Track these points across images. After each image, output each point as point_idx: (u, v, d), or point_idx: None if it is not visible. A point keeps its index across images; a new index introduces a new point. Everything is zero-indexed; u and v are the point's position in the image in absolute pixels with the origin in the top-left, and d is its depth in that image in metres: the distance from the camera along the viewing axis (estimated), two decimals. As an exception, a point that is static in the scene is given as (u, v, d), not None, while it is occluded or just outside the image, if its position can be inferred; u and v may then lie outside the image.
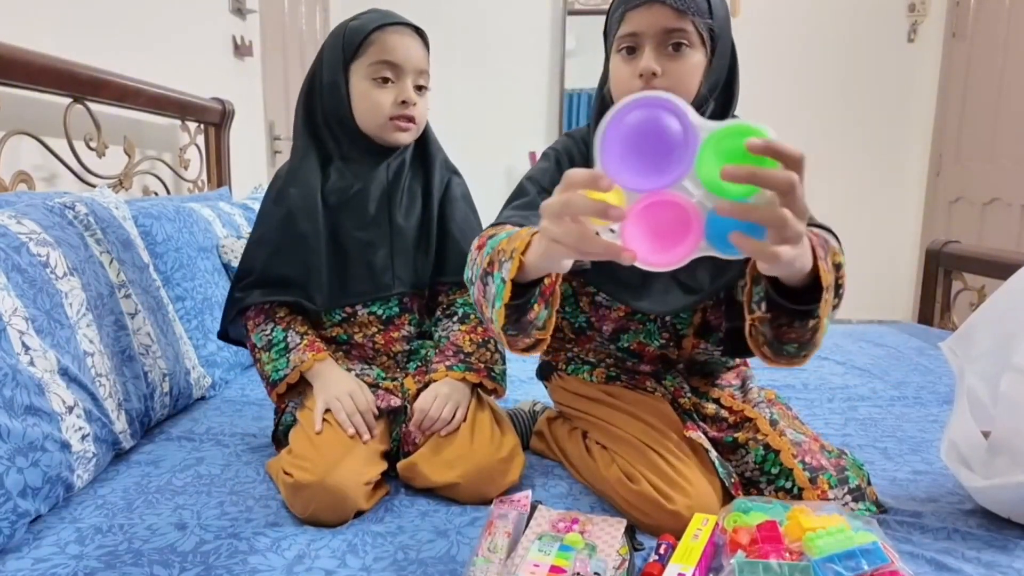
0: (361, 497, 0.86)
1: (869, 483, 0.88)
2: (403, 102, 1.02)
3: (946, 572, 0.74)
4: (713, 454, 0.88)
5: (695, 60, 0.85)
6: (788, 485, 0.86)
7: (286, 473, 0.87)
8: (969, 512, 0.89)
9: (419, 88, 1.05)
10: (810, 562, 0.67)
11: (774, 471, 0.88)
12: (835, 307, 0.75)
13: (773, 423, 0.93)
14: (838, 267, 0.73)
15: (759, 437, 0.91)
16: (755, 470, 0.90)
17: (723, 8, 0.88)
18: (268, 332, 1.05)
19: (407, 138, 1.06)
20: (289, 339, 1.03)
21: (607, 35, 0.94)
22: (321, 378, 1.00)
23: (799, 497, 0.84)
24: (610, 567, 0.73)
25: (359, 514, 0.87)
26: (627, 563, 0.74)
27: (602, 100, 0.97)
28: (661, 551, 0.74)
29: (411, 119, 1.04)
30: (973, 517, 0.88)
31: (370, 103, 1.03)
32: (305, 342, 1.03)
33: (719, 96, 0.90)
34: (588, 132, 1.01)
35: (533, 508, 0.87)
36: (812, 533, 0.69)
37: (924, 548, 0.79)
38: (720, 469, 0.87)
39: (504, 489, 0.92)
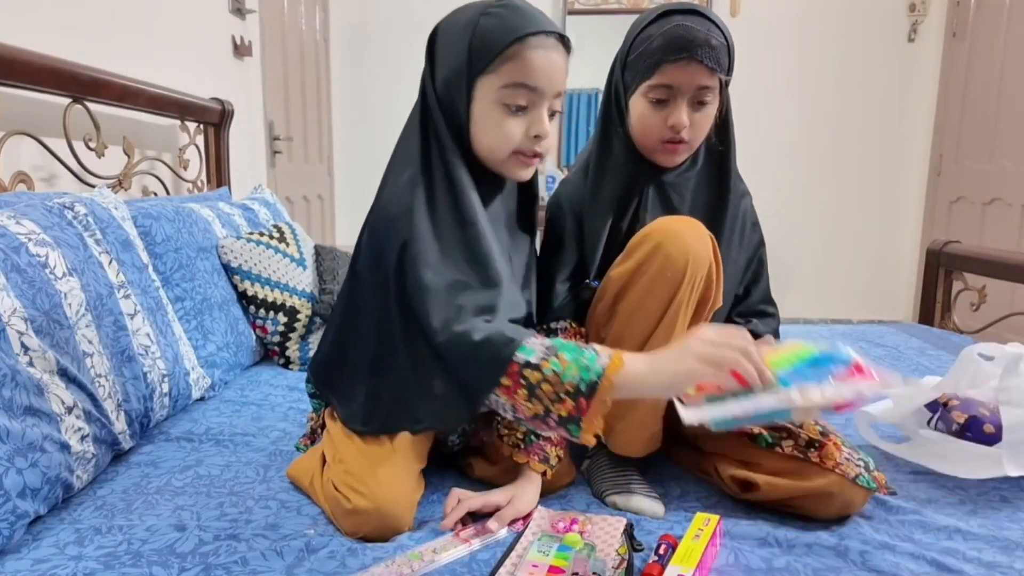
0: (411, 521, 0.84)
1: (876, 469, 0.89)
2: (536, 136, 0.84)
3: (947, 572, 0.74)
4: None
5: (712, 111, 0.96)
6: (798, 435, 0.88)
7: (340, 492, 0.82)
8: (969, 512, 0.89)
9: (552, 114, 0.86)
10: (778, 377, 0.70)
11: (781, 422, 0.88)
12: None
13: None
14: None
15: None
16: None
17: (735, 60, 0.96)
18: (540, 341, 0.76)
19: (529, 174, 0.90)
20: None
21: (626, 64, 0.98)
22: (644, 361, 0.72)
23: (806, 460, 0.86)
24: (609, 567, 0.73)
25: None
26: (626, 563, 0.74)
27: (606, 122, 1.01)
28: (661, 551, 0.74)
29: (538, 154, 0.87)
30: (973, 517, 0.88)
31: (497, 132, 0.84)
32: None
33: (716, 135, 1.00)
34: (584, 175, 1.04)
35: (533, 508, 0.87)
36: (775, 357, 0.73)
37: (925, 548, 0.79)
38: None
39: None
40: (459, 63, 0.82)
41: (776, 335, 1.05)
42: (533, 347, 0.73)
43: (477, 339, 0.75)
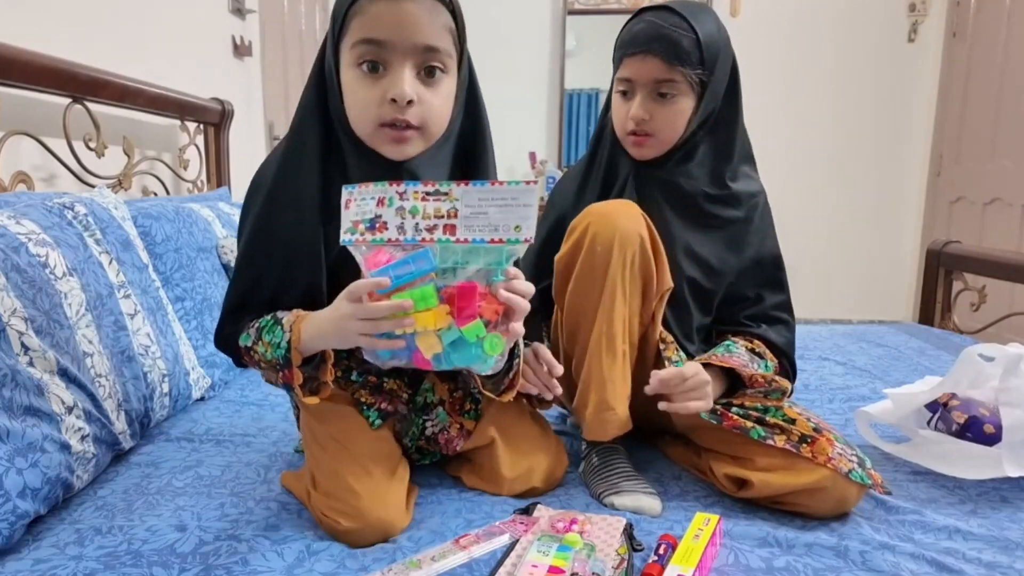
0: (404, 520, 0.84)
1: (873, 468, 0.88)
2: (392, 100, 0.75)
3: (946, 572, 0.74)
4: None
5: (682, 106, 0.95)
6: (784, 424, 0.88)
7: (328, 518, 0.82)
8: (969, 512, 0.89)
9: (430, 72, 0.77)
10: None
11: (773, 420, 0.89)
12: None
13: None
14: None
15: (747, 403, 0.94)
16: (750, 415, 0.90)
17: (717, 57, 0.94)
18: (253, 326, 0.86)
19: (408, 150, 0.79)
20: (277, 314, 0.85)
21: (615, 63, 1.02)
22: (316, 327, 0.78)
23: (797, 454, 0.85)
24: (609, 567, 0.73)
25: None
26: (626, 563, 0.74)
27: (604, 123, 1.06)
28: (661, 551, 0.74)
29: (406, 124, 0.77)
30: (973, 517, 0.88)
31: (354, 99, 0.77)
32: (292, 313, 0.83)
33: (712, 133, 0.99)
34: (586, 165, 1.07)
35: (531, 507, 0.87)
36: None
37: (925, 548, 0.79)
38: None
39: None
40: (329, 32, 0.79)
41: (791, 346, 1.04)
42: (249, 333, 0.85)
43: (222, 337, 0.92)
